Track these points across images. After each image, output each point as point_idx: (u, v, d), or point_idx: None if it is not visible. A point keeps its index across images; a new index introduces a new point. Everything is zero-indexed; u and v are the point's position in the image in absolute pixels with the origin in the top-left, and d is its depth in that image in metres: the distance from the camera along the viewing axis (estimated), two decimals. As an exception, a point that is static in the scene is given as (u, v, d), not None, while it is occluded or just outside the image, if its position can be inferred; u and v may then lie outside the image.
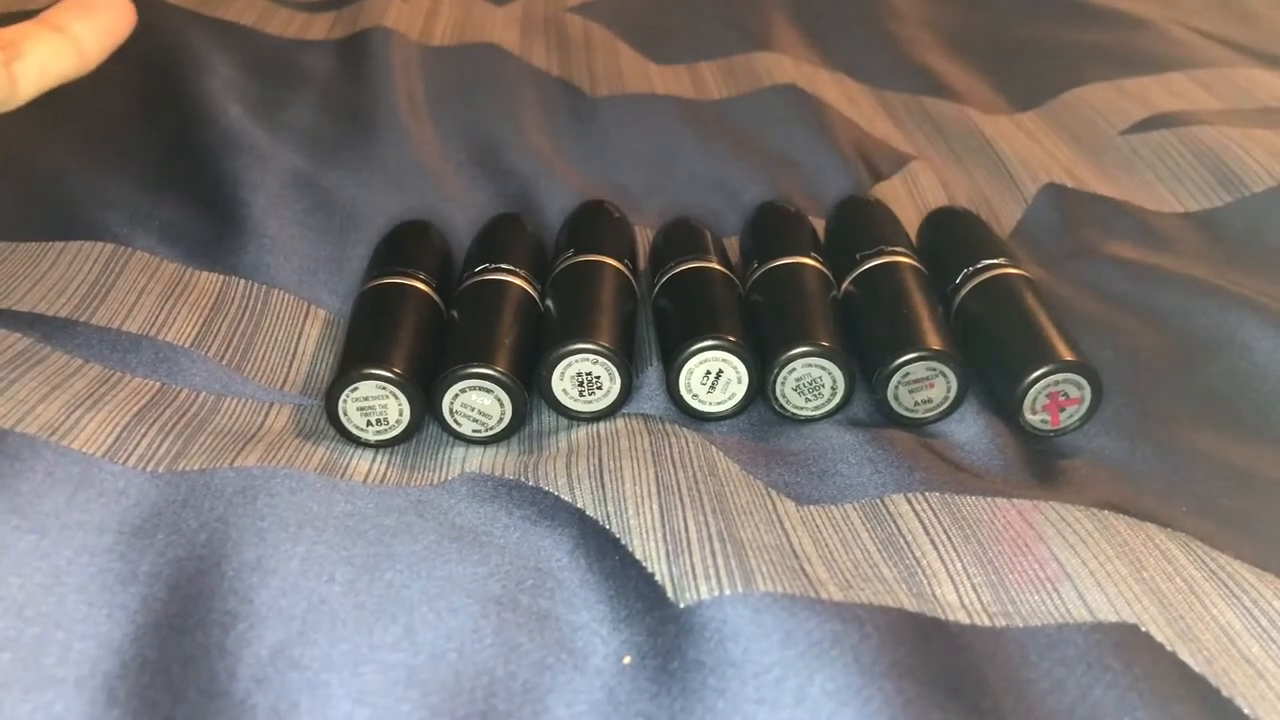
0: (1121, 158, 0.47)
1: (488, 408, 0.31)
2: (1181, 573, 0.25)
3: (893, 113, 0.52)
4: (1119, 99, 0.50)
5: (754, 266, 0.36)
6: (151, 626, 0.23)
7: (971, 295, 0.34)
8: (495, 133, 0.48)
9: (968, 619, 0.24)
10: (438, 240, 0.38)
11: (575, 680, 0.23)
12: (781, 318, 0.33)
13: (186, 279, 0.36)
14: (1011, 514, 0.27)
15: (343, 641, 0.23)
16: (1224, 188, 0.43)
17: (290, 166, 0.43)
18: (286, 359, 0.34)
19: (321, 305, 0.37)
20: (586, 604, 0.25)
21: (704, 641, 0.23)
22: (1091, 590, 0.24)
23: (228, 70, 0.48)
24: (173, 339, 0.33)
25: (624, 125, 0.50)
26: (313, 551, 0.25)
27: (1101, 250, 0.40)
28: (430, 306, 0.34)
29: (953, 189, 0.45)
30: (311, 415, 0.32)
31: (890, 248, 0.35)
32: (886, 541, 0.27)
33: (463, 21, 0.57)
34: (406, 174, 0.44)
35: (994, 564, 0.26)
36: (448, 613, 0.24)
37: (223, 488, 0.27)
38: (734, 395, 0.32)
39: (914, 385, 0.31)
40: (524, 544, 0.27)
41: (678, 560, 0.25)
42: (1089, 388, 0.31)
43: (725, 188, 0.45)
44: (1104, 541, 0.26)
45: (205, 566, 0.24)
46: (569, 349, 0.31)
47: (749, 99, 0.52)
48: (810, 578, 0.24)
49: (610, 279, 0.35)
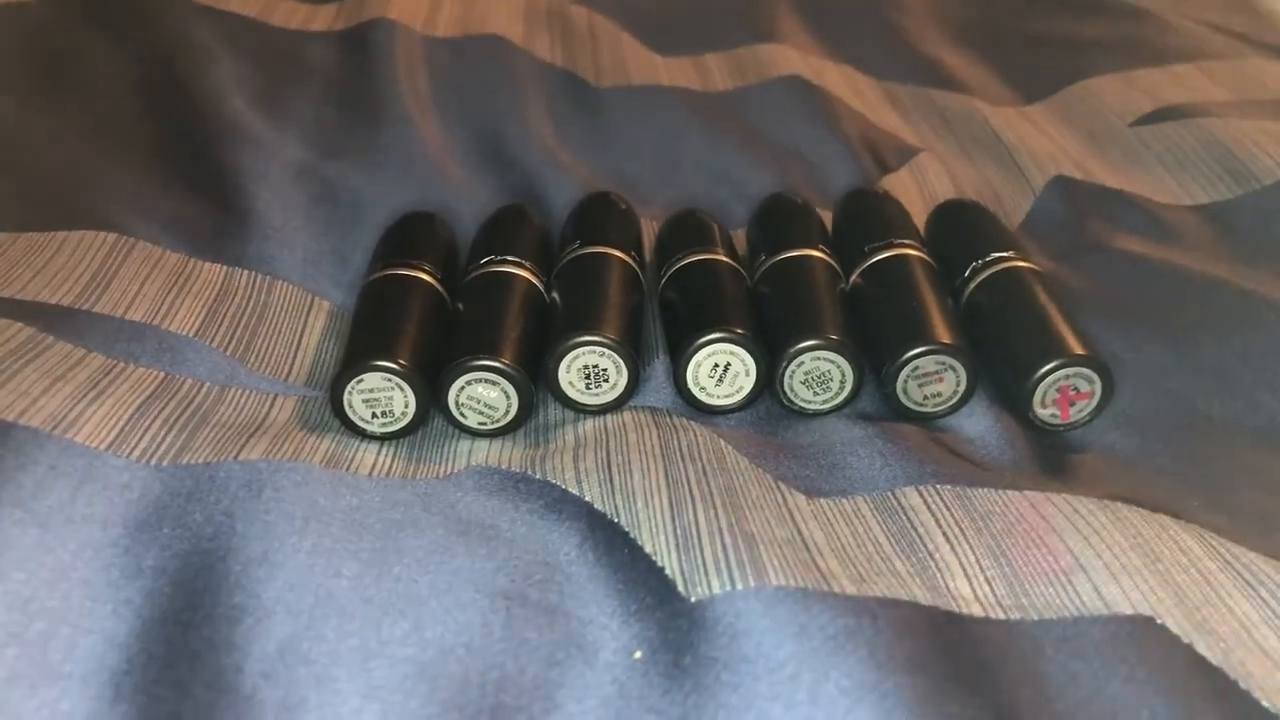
0: (1130, 150, 0.46)
1: (494, 400, 0.30)
2: (1197, 564, 0.25)
3: (900, 105, 0.52)
4: (1127, 91, 0.50)
5: (761, 259, 0.35)
6: (157, 621, 0.23)
7: (980, 288, 0.34)
8: (500, 124, 0.47)
9: (982, 612, 0.24)
10: (443, 231, 0.38)
11: (585, 675, 0.23)
12: (789, 311, 0.33)
13: (190, 270, 0.36)
14: (1024, 506, 0.27)
15: (351, 636, 0.23)
16: (1233, 180, 0.43)
17: (294, 158, 0.43)
18: (291, 350, 0.34)
19: (325, 297, 0.37)
20: (595, 598, 0.25)
21: (716, 636, 0.22)
22: (1106, 583, 0.24)
23: (231, 62, 0.47)
24: (176, 329, 0.33)
25: (630, 117, 0.50)
26: (319, 545, 0.25)
27: (1110, 243, 0.40)
28: (435, 298, 0.33)
29: (960, 181, 0.45)
30: (316, 407, 0.32)
31: (899, 240, 0.35)
32: (899, 534, 0.26)
33: (466, 12, 0.56)
34: (411, 165, 0.44)
35: (1007, 556, 0.25)
36: (456, 607, 0.24)
37: (227, 481, 0.26)
38: (742, 388, 0.31)
39: (923, 379, 0.31)
40: (532, 538, 0.26)
41: (688, 554, 0.24)
42: (1099, 382, 0.31)
43: (732, 179, 0.45)
44: (1118, 533, 0.26)
45: (211, 561, 0.24)
46: (575, 341, 0.31)
47: (755, 90, 0.52)
48: (823, 571, 0.24)
49: (617, 271, 0.34)
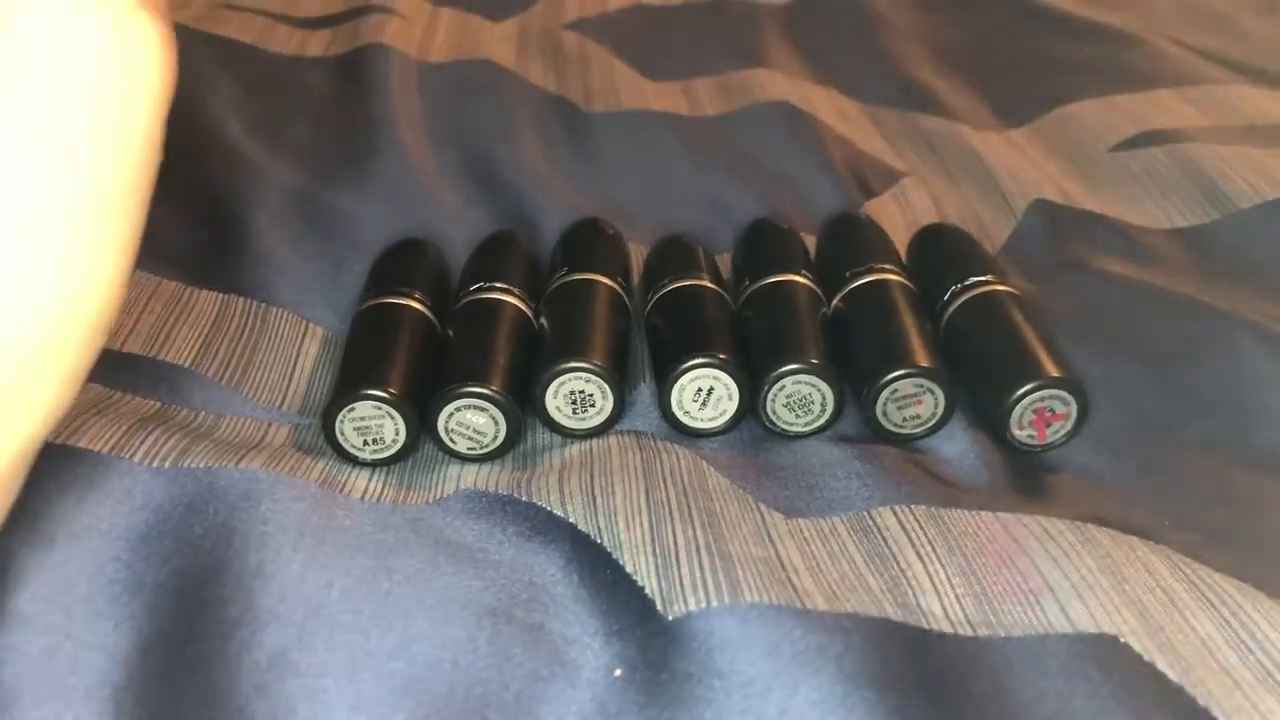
0: (1111, 174, 0.47)
1: (483, 426, 0.31)
2: (1162, 584, 0.26)
3: (885, 129, 0.53)
4: (1109, 115, 0.51)
5: (745, 283, 0.36)
6: (158, 636, 0.24)
7: (959, 312, 0.35)
8: (492, 149, 0.48)
9: (951, 629, 0.25)
10: (434, 258, 0.39)
11: (567, 692, 0.23)
12: (772, 335, 0.33)
13: (185, 297, 0.36)
14: (996, 527, 0.28)
15: (340, 648, 0.23)
16: (1211, 204, 0.43)
17: (289, 184, 0.43)
18: (285, 378, 0.35)
19: (319, 323, 0.37)
20: (579, 618, 0.25)
21: (692, 653, 0.23)
22: (1073, 602, 0.25)
23: (228, 87, 0.48)
24: (172, 358, 0.33)
25: (619, 141, 0.50)
26: (313, 559, 0.25)
27: (1090, 265, 0.41)
28: (426, 326, 0.34)
29: (943, 205, 0.46)
30: (309, 434, 0.33)
31: (879, 265, 0.36)
32: (873, 553, 0.27)
33: (459, 38, 0.57)
34: (404, 191, 0.44)
35: (978, 576, 0.26)
36: (444, 623, 0.24)
37: (227, 491, 0.27)
38: (725, 412, 0.32)
39: (902, 402, 0.32)
40: (518, 559, 0.27)
41: (667, 573, 0.25)
42: (1075, 403, 0.31)
43: (718, 204, 0.46)
44: (1086, 554, 0.26)
45: (208, 576, 0.25)
46: (562, 368, 0.31)
47: (743, 115, 0.52)
48: (797, 589, 0.25)
49: (604, 297, 0.35)
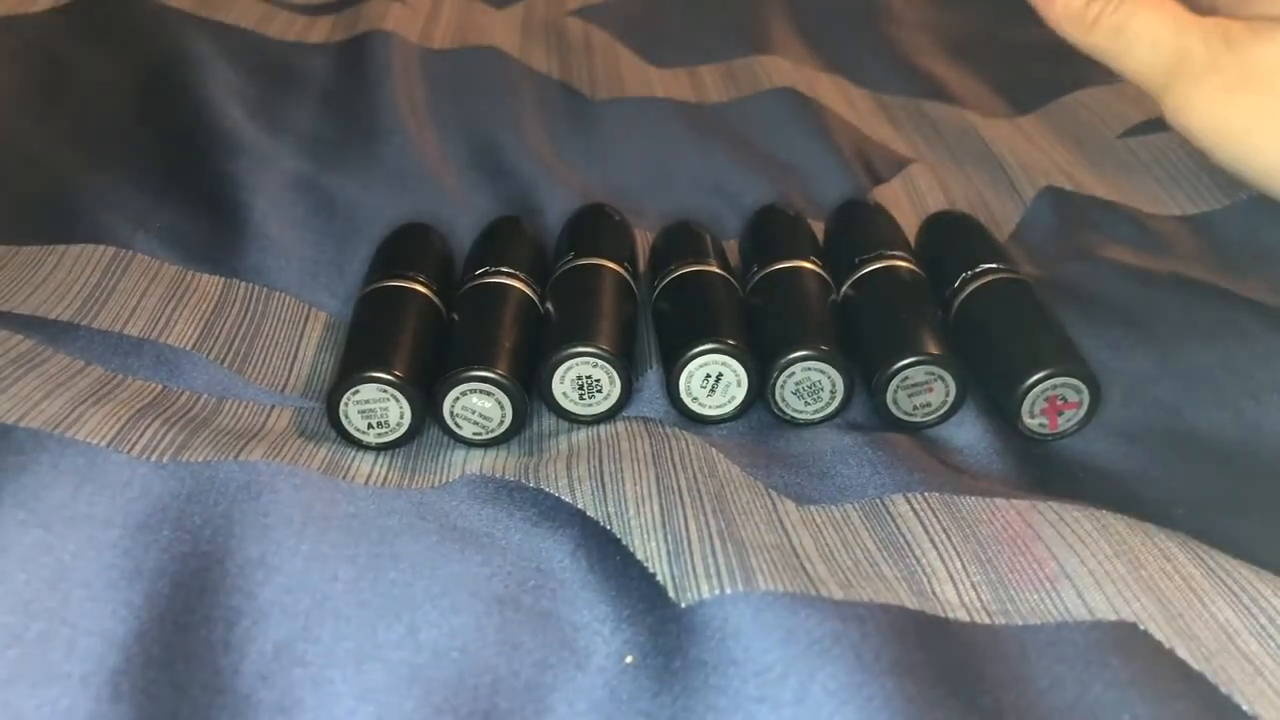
0: (1120, 160, 0.47)
1: (489, 411, 0.31)
2: (1180, 571, 0.25)
3: (892, 116, 0.52)
4: (1117, 102, 0.50)
5: (753, 270, 0.36)
6: (156, 622, 0.23)
7: (970, 299, 0.34)
8: (496, 135, 0.48)
9: (967, 617, 0.24)
10: (438, 243, 0.38)
11: (577, 679, 0.23)
12: (781, 321, 0.33)
13: (187, 281, 0.36)
14: (1010, 514, 0.27)
15: (346, 639, 0.23)
16: (1221, 190, 0.43)
17: (291, 169, 0.43)
18: (287, 361, 0.34)
19: (322, 308, 0.37)
20: (588, 604, 0.25)
21: (705, 640, 0.23)
22: (1090, 589, 0.25)
23: (228, 73, 0.48)
24: (174, 341, 0.33)
25: (624, 128, 0.50)
26: (316, 549, 0.25)
27: (1098, 253, 0.40)
28: (430, 309, 0.34)
29: (952, 192, 0.46)
30: (312, 418, 0.32)
31: (889, 252, 0.35)
32: (886, 541, 0.27)
33: (463, 24, 0.57)
34: (407, 176, 0.44)
35: (993, 563, 0.26)
36: (451, 611, 0.24)
37: (227, 483, 0.27)
38: (734, 398, 0.32)
39: (913, 389, 0.31)
40: (526, 545, 0.27)
41: (679, 560, 0.25)
42: (1087, 392, 0.31)
43: (725, 191, 0.46)
44: (1102, 540, 0.26)
45: (209, 563, 0.24)
46: (569, 352, 0.31)
47: (749, 102, 0.52)
48: (811, 576, 0.24)
49: (610, 282, 0.35)
